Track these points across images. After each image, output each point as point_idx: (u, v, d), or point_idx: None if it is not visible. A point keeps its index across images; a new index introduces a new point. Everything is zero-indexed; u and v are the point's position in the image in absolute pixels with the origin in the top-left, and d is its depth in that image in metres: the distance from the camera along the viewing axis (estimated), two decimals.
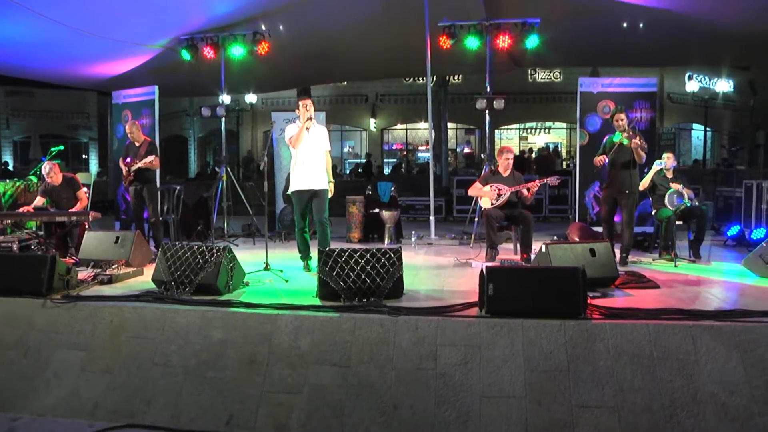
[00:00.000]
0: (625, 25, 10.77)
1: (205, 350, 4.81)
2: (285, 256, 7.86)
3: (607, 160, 7.33)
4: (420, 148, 27.91)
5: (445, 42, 9.71)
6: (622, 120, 7.38)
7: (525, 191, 7.62)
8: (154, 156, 8.33)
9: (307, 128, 6.74)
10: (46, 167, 8.27)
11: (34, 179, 10.36)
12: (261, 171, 6.89)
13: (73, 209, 8.18)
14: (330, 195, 6.93)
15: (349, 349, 4.54)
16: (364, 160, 27.85)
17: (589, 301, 4.79)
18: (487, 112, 9.85)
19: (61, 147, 9.81)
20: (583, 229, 9.17)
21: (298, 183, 6.86)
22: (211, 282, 5.59)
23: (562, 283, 4.59)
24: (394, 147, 28.86)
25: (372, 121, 27.72)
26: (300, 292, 5.79)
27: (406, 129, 27.95)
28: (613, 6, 9.68)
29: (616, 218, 7.76)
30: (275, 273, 6.45)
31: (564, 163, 20.46)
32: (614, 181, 7.40)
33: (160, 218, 8.76)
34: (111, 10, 9.21)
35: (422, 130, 26.43)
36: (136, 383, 4.72)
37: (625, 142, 7.19)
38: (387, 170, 24.81)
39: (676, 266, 7.08)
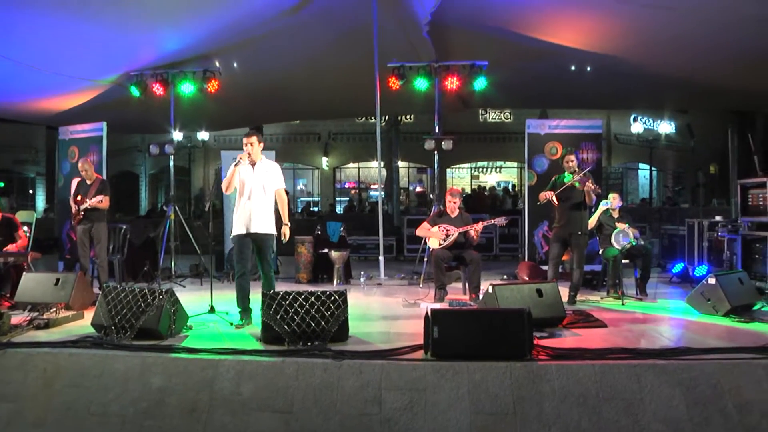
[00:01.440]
0: (573, 68, 11.10)
1: (144, 398, 4.62)
2: (232, 298, 7.60)
3: (552, 197, 7.36)
4: (372, 186, 28.01)
5: (395, 83, 9.83)
6: (572, 161, 7.52)
7: (472, 232, 7.66)
8: (103, 196, 8.14)
9: (236, 165, 6.11)
10: None
11: None
12: (207, 211, 6.60)
13: (12, 247, 7.86)
14: (285, 239, 6.23)
15: (292, 395, 4.42)
16: (317, 199, 27.89)
17: (536, 342, 4.79)
18: (435, 152, 9.93)
19: (1, 184, 9.43)
20: (532, 268, 9.29)
21: (236, 227, 6.19)
22: (153, 326, 5.41)
23: (508, 325, 4.58)
24: (346, 185, 28.89)
25: (324, 159, 27.75)
26: (244, 336, 5.65)
27: (359, 167, 28.05)
28: (560, 51, 9.97)
29: (564, 258, 7.85)
30: (220, 316, 6.30)
31: (515, 202, 20.73)
32: (564, 221, 7.45)
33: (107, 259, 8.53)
34: (58, 44, 9.07)
35: (374, 168, 26.54)
36: None
37: (577, 185, 7.28)
38: (339, 209, 24.77)
39: (623, 304, 7.18)
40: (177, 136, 18.10)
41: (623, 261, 7.77)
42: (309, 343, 5.04)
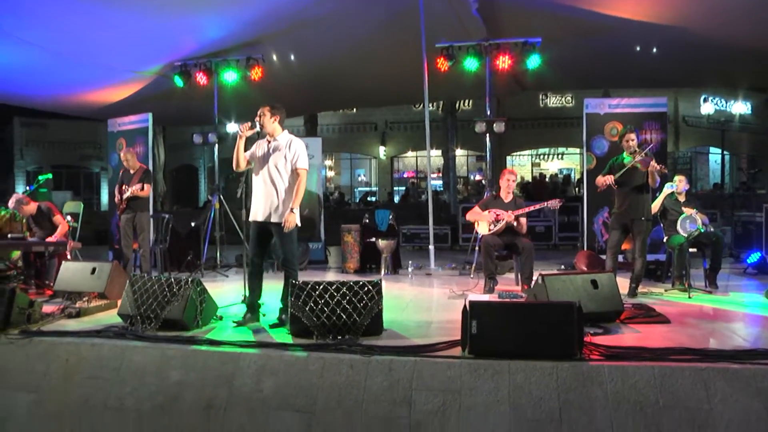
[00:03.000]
0: (638, 48, 10.36)
1: (161, 392, 4.38)
2: (272, 288, 7.38)
3: (611, 182, 6.75)
4: (431, 175, 27.45)
5: (443, 64, 9.34)
6: (633, 140, 6.77)
7: (518, 223, 7.15)
8: (143, 184, 8.05)
9: (240, 137, 5.45)
10: (12, 201, 7.94)
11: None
12: (239, 198, 6.07)
13: (53, 237, 7.83)
14: (289, 227, 5.33)
15: (316, 393, 4.07)
16: (375, 189, 27.60)
17: (588, 339, 4.29)
18: (487, 135, 9.42)
19: (49, 175, 9.48)
20: (591, 258, 8.69)
21: (252, 211, 5.56)
22: (178, 317, 5.18)
23: (555, 320, 4.09)
24: (405, 175, 28.49)
25: (381, 148, 27.43)
26: (275, 329, 5.31)
27: (416, 156, 27.57)
28: (620, 24, 9.26)
29: (625, 246, 7.23)
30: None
31: (576, 189, 19.88)
32: (625, 206, 6.76)
33: (150, 248, 8.44)
34: (101, 36, 9.01)
35: (433, 157, 25.99)
36: (85, 430, 4.28)
37: (639, 166, 6.62)
38: (397, 199, 24.42)
39: (690, 297, 6.49)
40: (233, 127, 18.16)
41: (690, 250, 7.05)
42: (339, 337, 4.68)
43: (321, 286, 4.89)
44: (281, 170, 5.43)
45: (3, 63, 9.52)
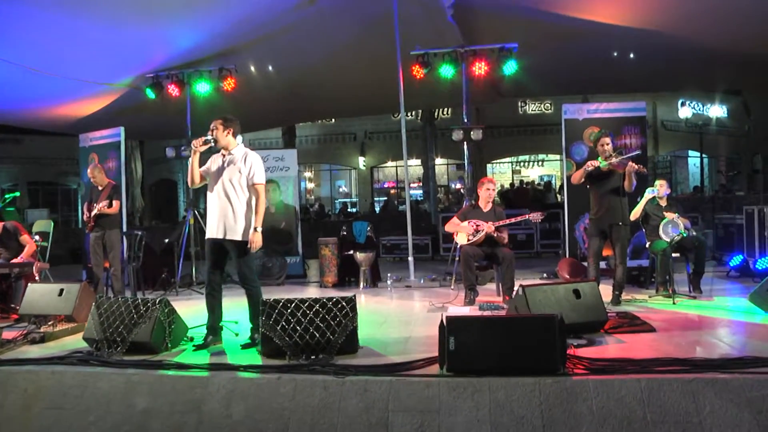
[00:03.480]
0: (615, 54, 10.31)
1: (127, 422, 4.14)
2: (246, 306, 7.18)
3: (591, 167, 6.56)
4: (412, 185, 27.32)
5: (419, 71, 9.21)
6: (608, 144, 6.65)
7: (498, 233, 7.00)
8: (111, 201, 7.79)
9: (193, 153, 5.23)
10: None
11: None
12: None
13: (19, 258, 7.55)
14: (255, 247, 5.14)
15: (288, 418, 3.86)
16: (355, 199, 27.41)
17: (571, 353, 4.13)
18: (465, 143, 9.29)
19: (17, 193, 9.23)
20: (574, 265, 8.58)
21: (208, 228, 5.32)
22: (146, 339, 4.95)
23: (536, 334, 3.93)
24: (386, 185, 28.35)
25: (361, 159, 27.28)
26: (247, 349, 5.11)
27: (397, 166, 27.44)
28: (597, 29, 9.20)
29: (606, 253, 7.10)
30: (225, 326, 5.73)
31: (557, 196, 19.81)
32: (602, 211, 6.64)
33: (122, 267, 8.19)
34: (69, 48, 8.79)
35: (413, 167, 25.88)
36: None
37: (603, 164, 6.50)
38: (378, 209, 24.26)
39: (674, 303, 6.41)
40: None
41: (673, 255, 6.94)
42: (313, 356, 4.48)
43: (293, 304, 4.70)
44: (236, 185, 5.23)
45: None
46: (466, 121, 9.47)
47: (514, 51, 8.98)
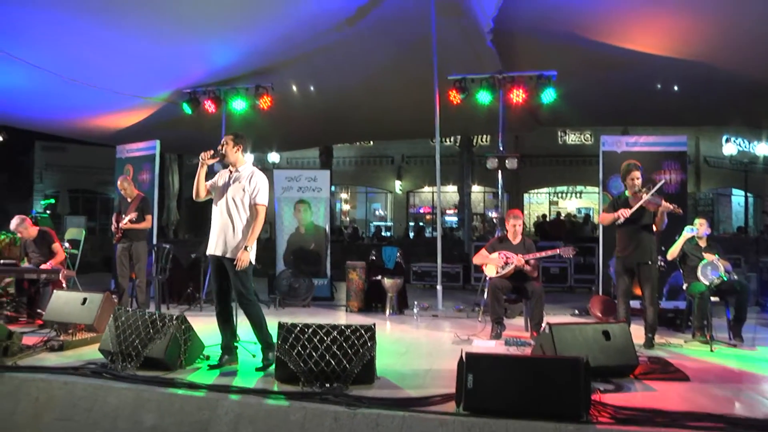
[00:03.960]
0: (659, 86, 10.06)
1: None
2: (272, 326, 7.04)
3: (627, 215, 6.24)
4: (447, 211, 27.12)
5: (455, 96, 9.12)
6: (637, 179, 6.35)
7: (528, 266, 6.79)
8: (141, 214, 7.83)
9: (201, 166, 5.17)
10: (14, 221, 7.86)
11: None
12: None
13: (48, 264, 7.63)
14: (241, 265, 4.96)
15: None
16: (390, 223, 27.30)
17: (596, 398, 3.90)
18: (500, 172, 9.11)
19: (52, 200, 9.35)
20: (606, 303, 8.28)
21: (209, 244, 5.24)
22: (160, 356, 4.87)
23: (560, 376, 3.71)
24: (421, 210, 28.19)
25: (398, 183, 27.20)
26: (261, 372, 4.99)
27: (433, 192, 27.27)
28: (638, 58, 8.99)
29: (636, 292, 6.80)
30: (243, 346, 5.63)
31: (593, 229, 19.40)
32: (630, 249, 6.34)
33: (147, 279, 8.19)
34: (110, 61, 8.92)
35: (449, 193, 25.70)
36: None
37: (648, 206, 6.24)
38: (412, 234, 24.07)
39: (712, 351, 6.01)
40: (247, 157, 18.01)
41: (712, 298, 6.59)
42: (327, 385, 4.33)
43: (310, 330, 4.57)
44: (239, 203, 5.16)
45: (18, 88, 9.45)
46: (501, 149, 9.30)
47: (553, 79, 8.82)
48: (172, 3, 7.54)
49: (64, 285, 7.54)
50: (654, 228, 6.32)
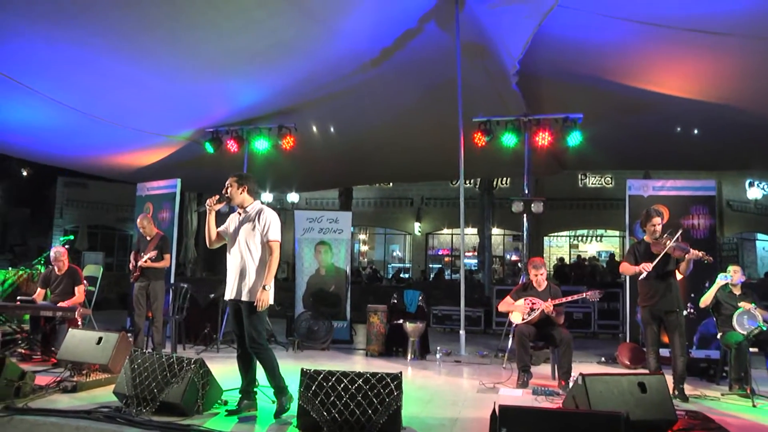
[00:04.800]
0: (678, 129, 9.93)
1: None
2: (290, 370, 6.88)
3: (648, 269, 6.07)
4: (467, 254, 26.82)
5: (480, 139, 9.02)
6: (658, 225, 6.22)
7: (554, 313, 6.58)
8: (160, 253, 7.77)
9: (209, 213, 5.10)
10: (56, 250, 7.90)
11: (41, 268, 9.87)
12: None
13: (66, 303, 7.55)
14: (261, 306, 4.86)
15: None
16: (408, 265, 27.09)
17: None
18: (525, 216, 8.96)
19: (71, 237, 9.35)
20: (635, 351, 8.04)
21: (227, 289, 5.14)
22: (177, 401, 4.72)
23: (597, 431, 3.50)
24: (440, 252, 27.96)
25: (417, 225, 27.04)
26: (281, 418, 4.81)
27: (452, 234, 27.11)
28: (663, 101, 8.87)
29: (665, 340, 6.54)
30: (262, 391, 5.44)
31: (617, 274, 19.08)
32: (656, 297, 6.16)
33: (164, 318, 8.08)
34: (133, 99, 8.95)
35: (469, 235, 25.44)
36: None
37: (673, 254, 6.04)
38: (432, 276, 23.86)
39: (754, 407, 5.67)
40: (266, 197, 18.00)
41: (750, 349, 6.32)
42: None
43: (334, 377, 4.40)
44: (251, 243, 5.04)
45: (42, 124, 9.50)
46: (526, 192, 9.15)
47: (579, 122, 8.72)
48: (196, 42, 7.54)
49: (79, 323, 7.44)
50: (678, 275, 6.13)
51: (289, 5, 7.05)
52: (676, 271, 6.17)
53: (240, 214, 5.17)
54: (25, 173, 30.85)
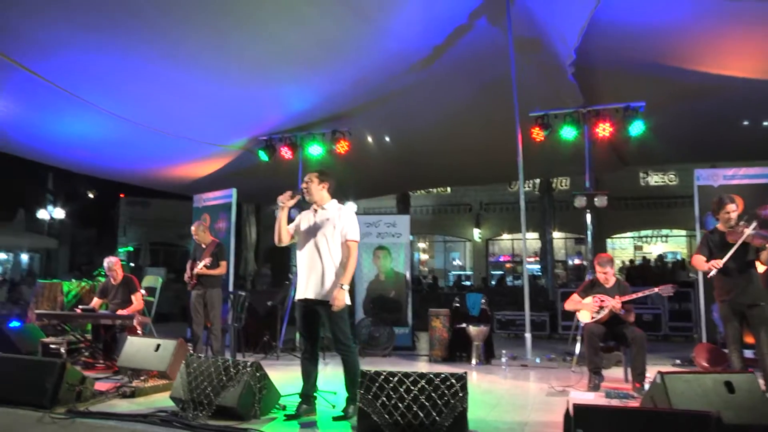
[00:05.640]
0: (746, 123, 9.35)
1: None
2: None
3: (720, 265, 5.58)
4: (528, 259, 26.13)
5: (539, 134, 8.71)
6: (733, 212, 5.73)
7: (624, 309, 6.20)
8: (216, 260, 7.73)
9: (281, 209, 4.93)
10: (109, 260, 7.99)
11: (102, 279, 10.04)
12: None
13: (123, 311, 7.60)
14: (338, 306, 4.69)
15: None
16: (469, 273, 26.71)
17: None
18: (587, 213, 8.56)
19: (130, 248, 9.49)
20: (713, 352, 7.51)
21: (298, 289, 4.97)
22: (233, 404, 4.61)
23: None
24: (501, 259, 27.46)
25: (476, 231, 26.64)
26: (341, 423, 4.64)
27: (512, 239, 26.58)
28: (729, 84, 8.35)
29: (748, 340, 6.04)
30: (322, 396, 5.28)
31: (686, 273, 18.24)
32: (736, 291, 5.64)
33: (223, 327, 8.05)
34: (187, 108, 9.02)
35: (529, 240, 24.85)
36: None
37: (752, 242, 5.55)
38: (493, 283, 23.42)
39: None
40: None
41: None
42: None
43: (396, 378, 4.20)
44: (330, 243, 4.85)
45: (99, 137, 9.68)
46: (588, 186, 8.77)
47: (641, 110, 8.31)
48: (244, 44, 7.51)
49: (139, 331, 7.47)
50: (759, 265, 5.64)
51: (338, 3, 6.93)
52: (757, 261, 5.70)
53: (316, 211, 5.00)
54: (91, 195, 31.99)
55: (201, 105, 8.86)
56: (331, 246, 4.84)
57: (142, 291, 8.25)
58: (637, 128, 8.43)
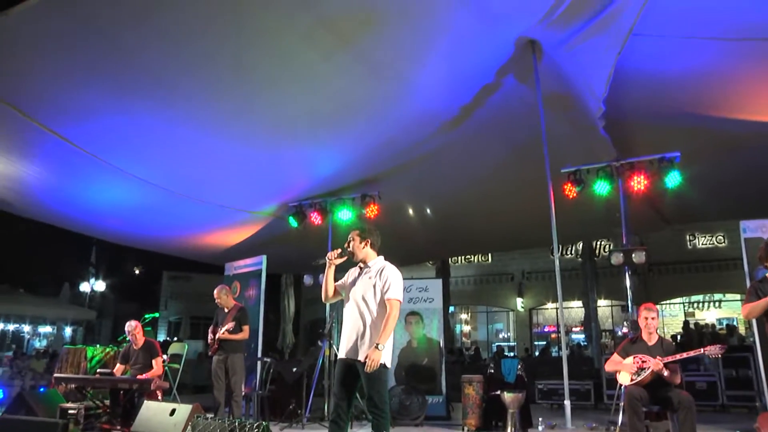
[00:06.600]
0: None
1: None
2: None
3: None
4: (573, 329, 25.31)
5: (571, 190, 8.46)
6: None
7: (667, 370, 5.71)
8: (238, 324, 7.56)
9: (329, 264, 4.79)
10: (129, 324, 7.93)
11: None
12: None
13: (143, 375, 7.48)
14: (372, 366, 4.38)
15: None
16: (513, 343, 25.95)
17: None
18: (627, 273, 8.17)
19: (157, 314, 9.43)
20: None
21: (340, 347, 4.76)
22: None
23: None
24: (546, 329, 26.63)
25: (519, 300, 26.04)
26: None
27: (557, 308, 25.78)
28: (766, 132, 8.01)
29: None
30: None
31: (741, 339, 17.20)
32: None
33: (244, 393, 7.79)
34: (211, 172, 9.07)
35: (574, 308, 24.07)
36: None
37: None
38: (537, 353, 22.69)
39: None
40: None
41: None
42: None
43: None
44: (369, 301, 4.65)
45: (128, 204, 9.76)
46: (625, 241, 8.39)
47: (677, 160, 8.02)
48: (266, 107, 7.54)
49: (159, 397, 7.29)
50: None
51: (354, 61, 6.90)
52: None
53: (361, 268, 4.86)
54: (137, 271, 32.64)
55: (228, 169, 8.93)
56: (370, 304, 4.66)
57: (165, 357, 8.10)
58: (673, 180, 8.10)
